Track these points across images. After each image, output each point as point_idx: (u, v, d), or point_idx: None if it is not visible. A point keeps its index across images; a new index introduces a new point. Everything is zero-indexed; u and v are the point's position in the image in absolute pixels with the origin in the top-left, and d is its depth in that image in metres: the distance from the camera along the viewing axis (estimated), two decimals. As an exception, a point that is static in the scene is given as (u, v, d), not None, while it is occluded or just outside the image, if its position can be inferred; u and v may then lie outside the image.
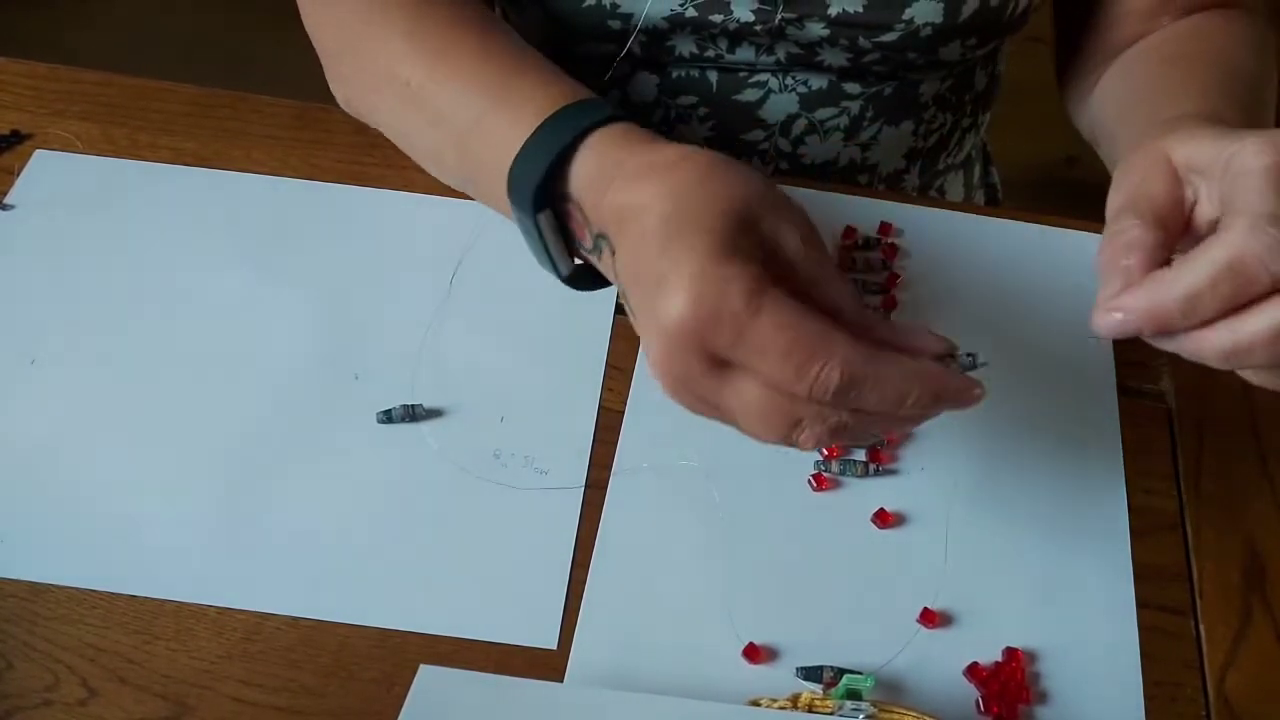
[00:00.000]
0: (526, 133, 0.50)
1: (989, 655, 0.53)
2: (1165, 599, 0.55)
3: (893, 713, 0.49)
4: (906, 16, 0.68)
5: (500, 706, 0.48)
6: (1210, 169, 0.41)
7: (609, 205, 0.46)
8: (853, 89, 0.74)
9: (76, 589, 0.53)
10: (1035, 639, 0.53)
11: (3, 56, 0.71)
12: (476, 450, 0.58)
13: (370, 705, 0.50)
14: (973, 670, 0.52)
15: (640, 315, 0.44)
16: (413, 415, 0.58)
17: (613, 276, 0.47)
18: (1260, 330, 0.38)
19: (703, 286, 0.40)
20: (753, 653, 0.52)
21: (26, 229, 0.64)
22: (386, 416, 0.58)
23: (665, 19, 0.69)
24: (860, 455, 0.58)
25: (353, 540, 0.55)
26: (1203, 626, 0.54)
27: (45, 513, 0.55)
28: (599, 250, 0.48)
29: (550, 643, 0.52)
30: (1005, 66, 0.86)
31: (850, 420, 0.42)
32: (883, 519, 0.56)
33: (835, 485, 0.58)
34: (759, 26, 0.69)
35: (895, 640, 0.53)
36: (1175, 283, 0.39)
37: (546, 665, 0.52)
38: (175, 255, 0.64)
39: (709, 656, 0.52)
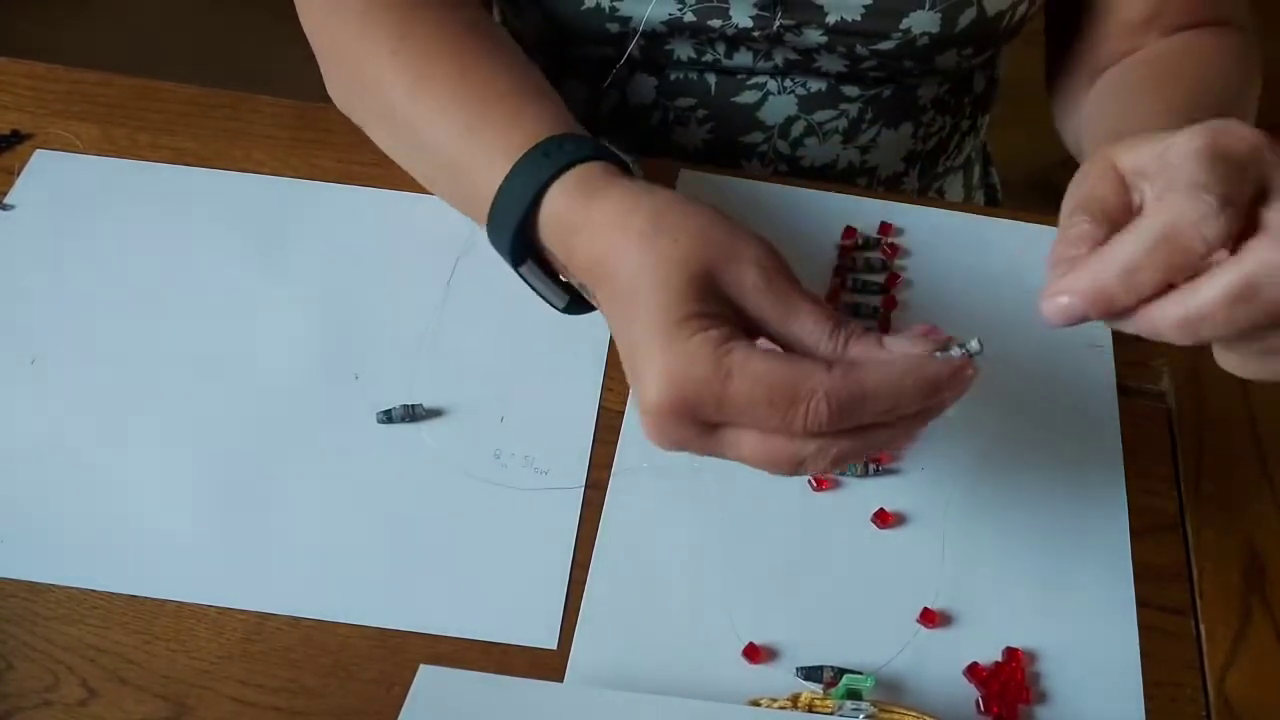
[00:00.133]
0: (498, 180, 0.51)
1: (989, 655, 0.53)
2: (1165, 599, 0.55)
3: (893, 713, 0.49)
4: (904, 26, 0.68)
5: (500, 706, 0.48)
6: (1151, 169, 0.41)
7: (579, 261, 0.48)
8: (851, 92, 0.75)
9: (76, 589, 0.53)
10: (1035, 639, 0.53)
11: (3, 56, 0.71)
12: (476, 450, 0.58)
13: (370, 705, 0.50)
14: (973, 670, 0.52)
15: (627, 371, 0.45)
16: (413, 415, 0.58)
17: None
18: (1212, 298, 0.38)
19: (671, 368, 0.41)
20: (753, 653, 0.52)
21: (26, 229, 0.64)
22: (386, 416, 0.58)
23: (664, 23, 0.69)
24: (860, 455, 0.58)
25: (353, 540, 0.55)
26: (1203, 626, 0.54)
27: (45, 513, 0.55)
28: (587, 291, 0.49)
29: (550, 643, 0.52)
30: (1004, 69, 0.86)
31: (854, 442, 0.43)
32: (883, 519, 0.56)
33: (835, 485, 0.58)
34: (757, 32, 0.69)
35: (895, 640, 0.53)
36: (1113, 258, 0.39)
37: (546, 665, 0.52)
38: (175, 255, 0.64)
39: (709, 656, 0.52)
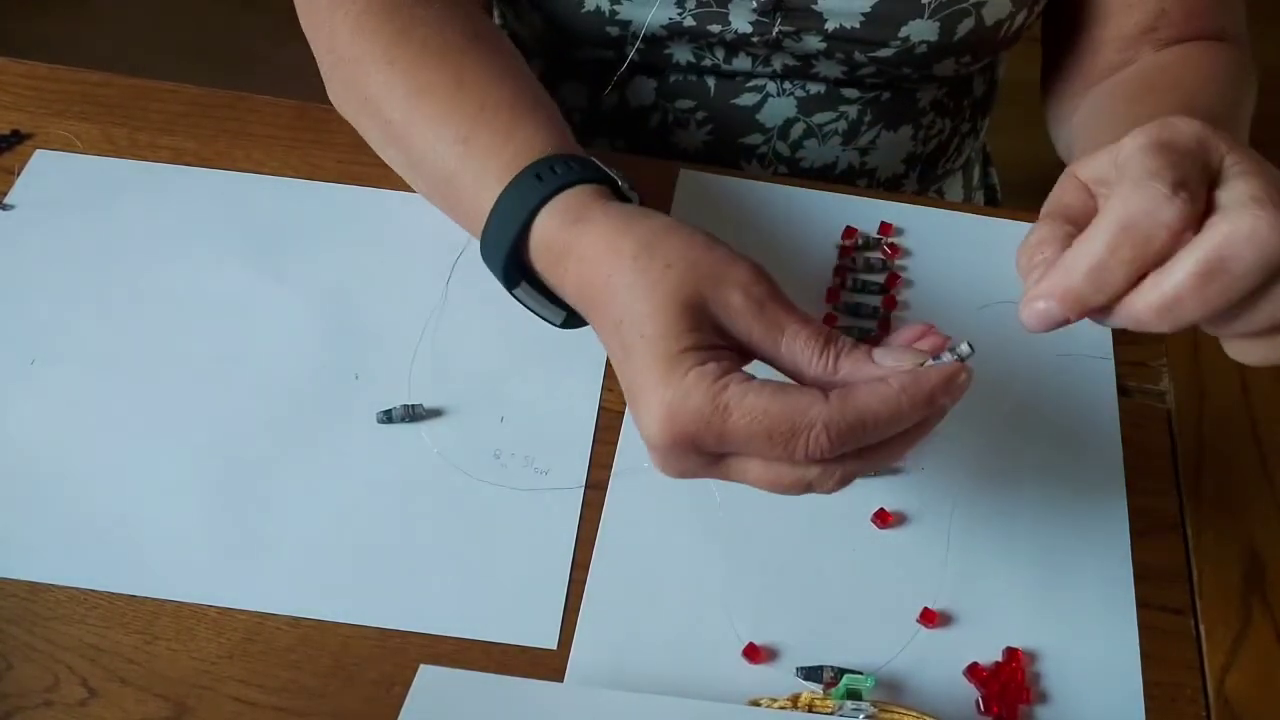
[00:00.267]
0: (490, 200, 0.51)
1: (989, 655, 0.53)
2: (1165, 599, 0.55)
3: (893, 713, 0.49)
4: (902, 34, 0.68)
5: (500, 706, 0.48)
6: (1108, 174, 0.42)
7: (571, 286, 0.49)
8: (851, 94, 0.75)
9: (76, 589, 0.53)
10: (1035, 639, 0.53)
11: (3, 56, 0.71)
12: (477, 450, 0.58)
13: (370, 705, 0.50)
14: (973, 670, 0.52)
15: (627, 401, 0.45)
16: (413, 415, 0.58)
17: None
18: (1182, 279, 0.38)
19: (670, 405, 0.42)
20: (753, 653, 0.52)
21: (26, 229, 0.64)
22: (386, 416, 0.58)
23: (664, 27, 0.69)
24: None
25: (353, 540, 0.55)
26: (1203, 627, 0.55)
27: (45, 513, 0.55)
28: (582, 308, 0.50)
29: (550, 643, 0.52)
30: (1004, 71, 0.86)
31: (858, 462, 0.43)
32: (883, 519, 0.56)
33: (835, 485, 0.58)
34: (756, 38, 0.69)
35: (895, 640, 0.53)
36: (1078, 260, 0.40)
37: (546, 665, 0.52)
38: (175, 255, 0.64)
39: (709, 656, 0.52)
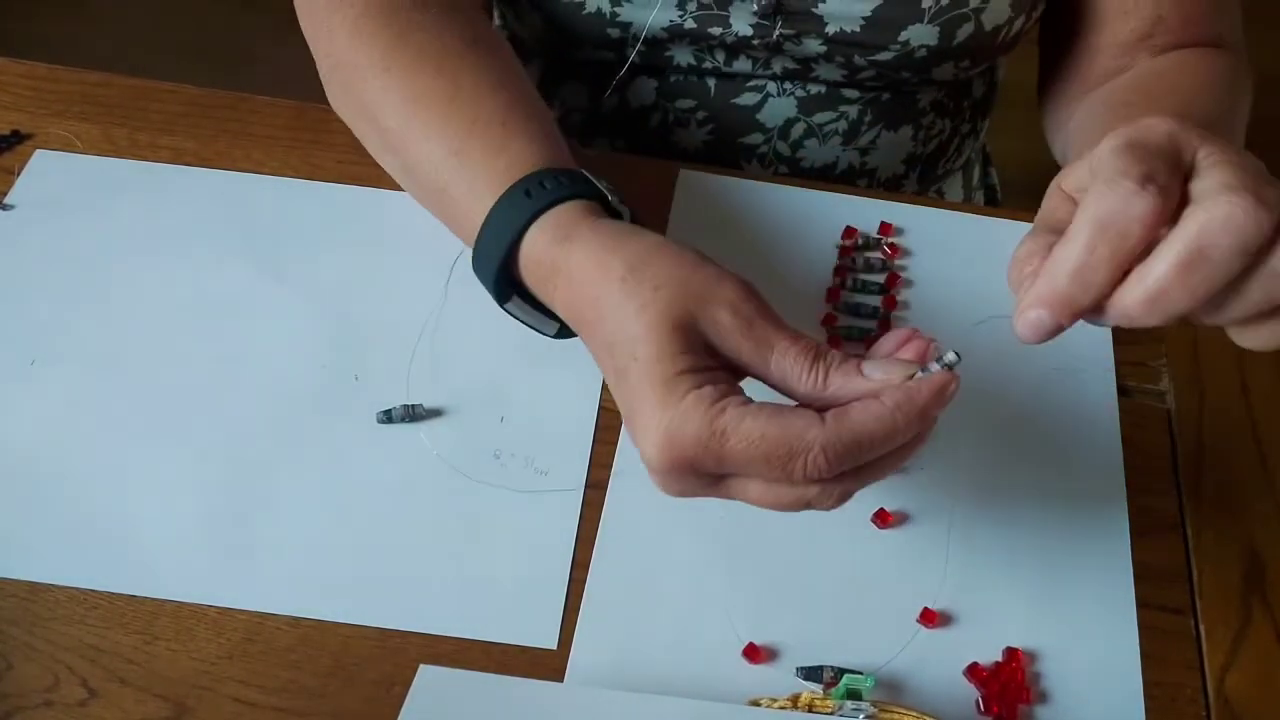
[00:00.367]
0: (481, 213, 0.52)
1: (989, 655, 0.53)
2: (1165, 599, 0.55)
3: (893, 713, 0.49)
4: (902, 38, 0.68)
5: (500, 706, 0.48)
6: (1086, 181, 0.42)
7: (560, 304, 0.49)
8: (851, 94, 0.75)
9: (76, 589, 0.53)
10: (1035, 639, 0.53)
11: (3, 56, 0.71)
12: (476, 450, 0.58)
13: (370, 705, 0.50)
14: (973, 670, 0.52)
15: (625, 423, 0.46)
16: (413, 415, 0.58)
17: None
18: (1164, 271, 0.39)
19: (668, 431, 0.42)
20: (753, 653, 0.52)
21: (26, 229, 0.64)
22: (386, 417, 0.58)
23: (664, 29, 0.69)
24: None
25: (353, 540, 0.55)
26: (1203, 626, 0.55)
27: (45, 513, 0.55)
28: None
29: (550, 643, 0.52)
30: (1004, 73, 0.86)
31: (857, 479, 0.44)
32: (883, 519, 0.56)
33: (835, 485, 0.58)
34: (757, 41, 0.69)
35: (895, 640, 0.53)
36: (1060, 264, 0.40)
37: (546, 665, 0.52)
38: (175, 255, 0.64)
39: (709, 656, 0.52)
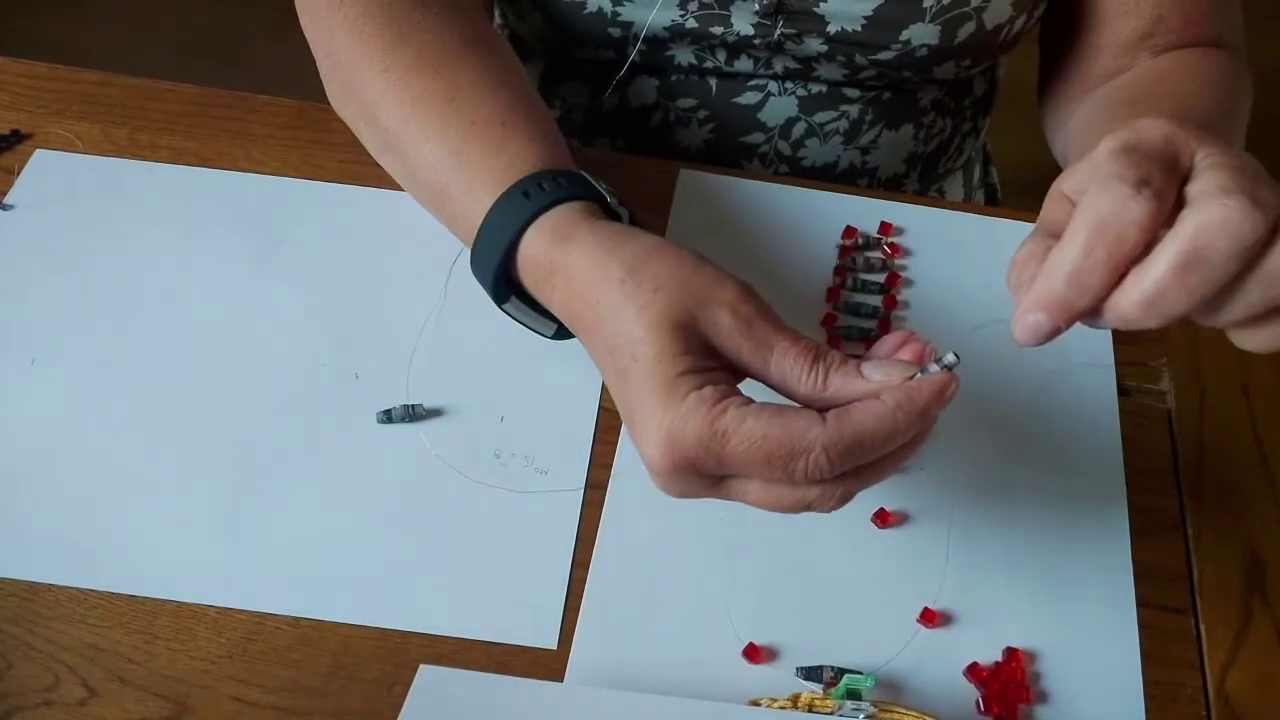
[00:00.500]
0: (480, 214, 0.52)
1: (989, 655, 0.53)
2: (1165, 599, 0.55)
3: (893, 713, 0.49)
4: (903, 38, 0.68)
5: (500, 706, 0.48)
6: (1085, 183, 0.42)
7: (559, 305, 0.49)
8: (852, 94, 0.75)
9: (76, 589, 0.53)
10: (1035, 639, 0.53)
11: (3, 56, 0.71)
12: (476, 450, 0.58)
13: (370, 705, 0.50)
14: (973, 670, 0.52)
15: (625, 424, 0.45)
16: (413, 415, 0.58)
17: None
18: (1161, 272, 0.39)
19: (670, 431, 0.42)
20: (753, 653, 0.52)
21: (26, 229, 0.64)
22: (386, 416, 0.58)
23: (665, 29, 0.69)
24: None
25: (353, 540, 0.55)
26: (1203, 626, 0.54)
27: (45, 513, 0.55)
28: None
29: (550, 643, 0.52)
30: (1005, 72, 0.86)
31: (857, 480, 0.44)
32: (883, 519, 0.56)
33: (835, 485, 0.57)
34: (758, 40, 0.69)
35: (895, 640, 0.53)
36: (1057, 267, 0.40)
37: (546, 665, 0.52)
38: (175, 255, 0.64)
39: (709, 656, 0.52)
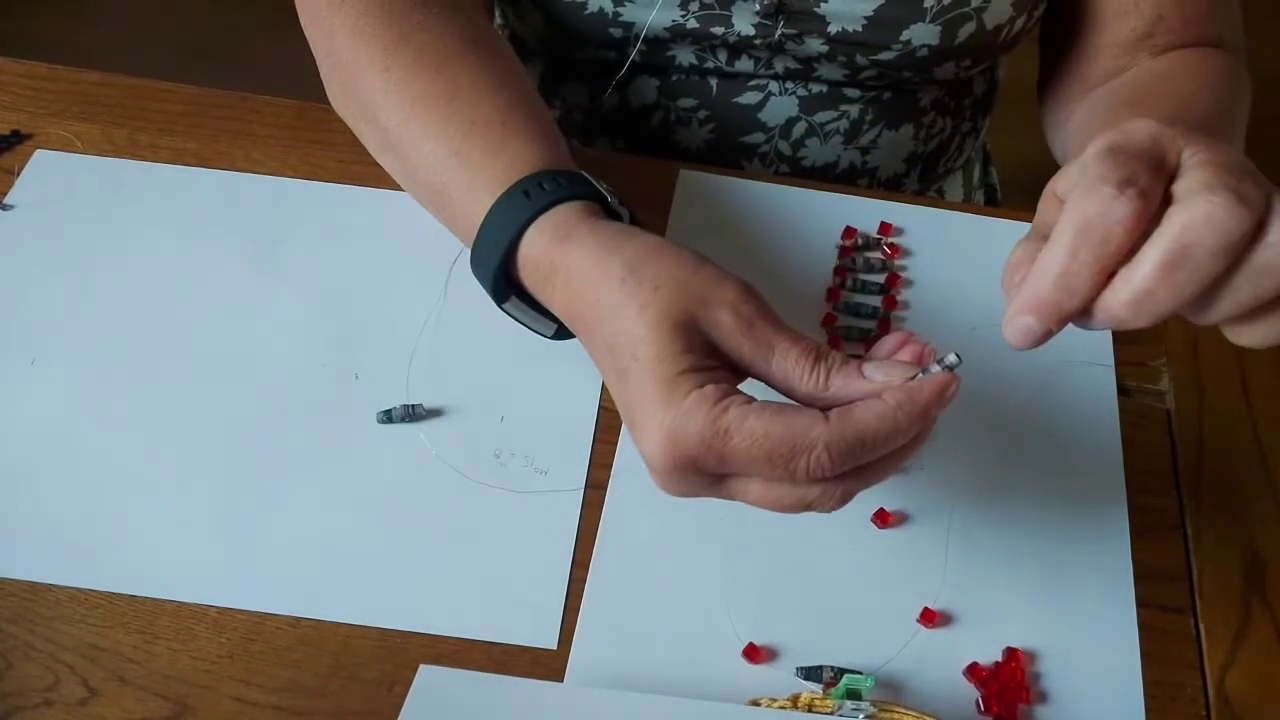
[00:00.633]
0: (480, 214, 0.52)
1: (989, 655, 0.53)
2: (1165, 599, 0.55)
3: (893, 713, 0.49)
4: (904, 38, 0.68)
5: (500, 706, 0.48)
6: (1074, 184, 0.42)
7: (559, 305, 0.49)
8: (852, 94, 0.75)
9: (76, 589, 0.53)
10: (1035, 639, 0.53)
11: (3, 56, 0.71)
12: (476, 450, 0.58)
13: (370, 705, 0.50)
14: (973, 670, 0.52)
15: (625, 423, 0.45)
16: (413, 415, 0.58)
17: None
18: (1148, 271, 0.39)
19: (671, 429, 0.42)
20: (753, 653, 0.52)
21: (26, 229, 0.64)
22: (386, 416, 0.58)
23: (666, 29, 0.69)
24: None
25: (353, 540, 0.55)
26: (1203, 626, 0.55)
27: (45, 513, 0.55)
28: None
29: (550, 643, 0.52)
30: (1005, 72, 0.86)
31: (857, 480, 0.44)
32: (883, 519, 0.56)
33: (835, 485, 0.57)
34: (759, 40, 0.69)
35: (895, 640, 0.53)
36: (1045, 269, 0.40)
37: (546, 665, 0.52)
38: (175, 255, 0.64)
39: (709, 656, 0.52)
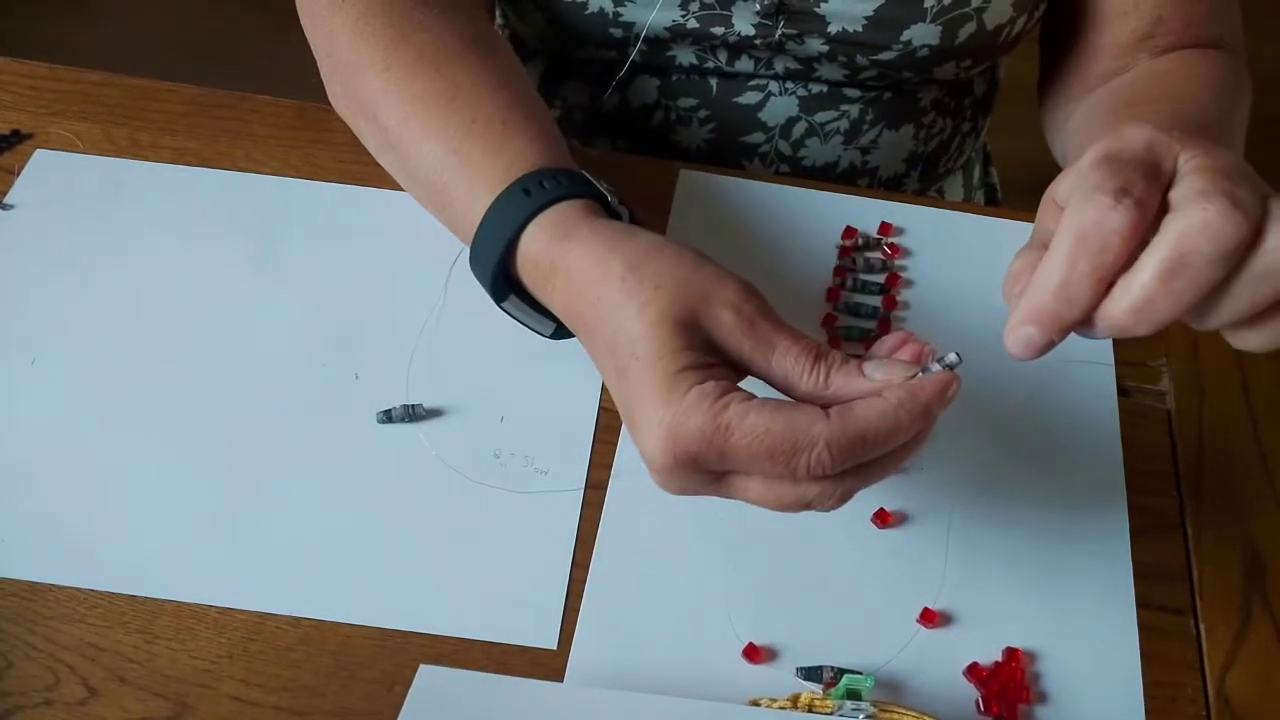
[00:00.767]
0: (479, 212, 0.52)
1: (989, 655, 0.53)
2: (1165, 599, 0.55)
3: (893, 713, 0.49)
4: (904, 38, 0.68)
5: (500, 706, 0.48)
6: (1071, 191, 0.42)
7: (558, 304, 0.49)
8: (852, 94, 0.75)
9: (76, 589, 0.53)
10: (1035, 639, 0.53)
11: (3, 56, 0.71)
12: (476, 450, 0.58)
13: (370, 705, 0.50)
14: (973, 670, 0.52)
15: (625, 421, 0.45)
16: (413, 415, 0.58)
17: None
18: (1147, 280, 0.39)
19: (672, 426, 0.42)
20: (753, 653, 0.52)
21: (26, 229, 0.64)
22: (386, 416, 0.58)
23: (666, 29, 0.69)
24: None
25: (353, 540, 0.55)
26: (1203, 626, 0.55)
27: (45, 513, 0.55)
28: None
29: (550, 643, 0.52)
30: (1005, 72, 0.86)
31: (857, 478, 0.44)
32: (883, 519, 0.56)
33: (835, 485, 0.57)
34: (759, 40, 0.69)
35: (895, 640, 0.53)
36: (1044, 279, 0.40)
37: (546, 665, 0.52)
38: (175, 255, 0.64)
39: (709, 656, 0.52)
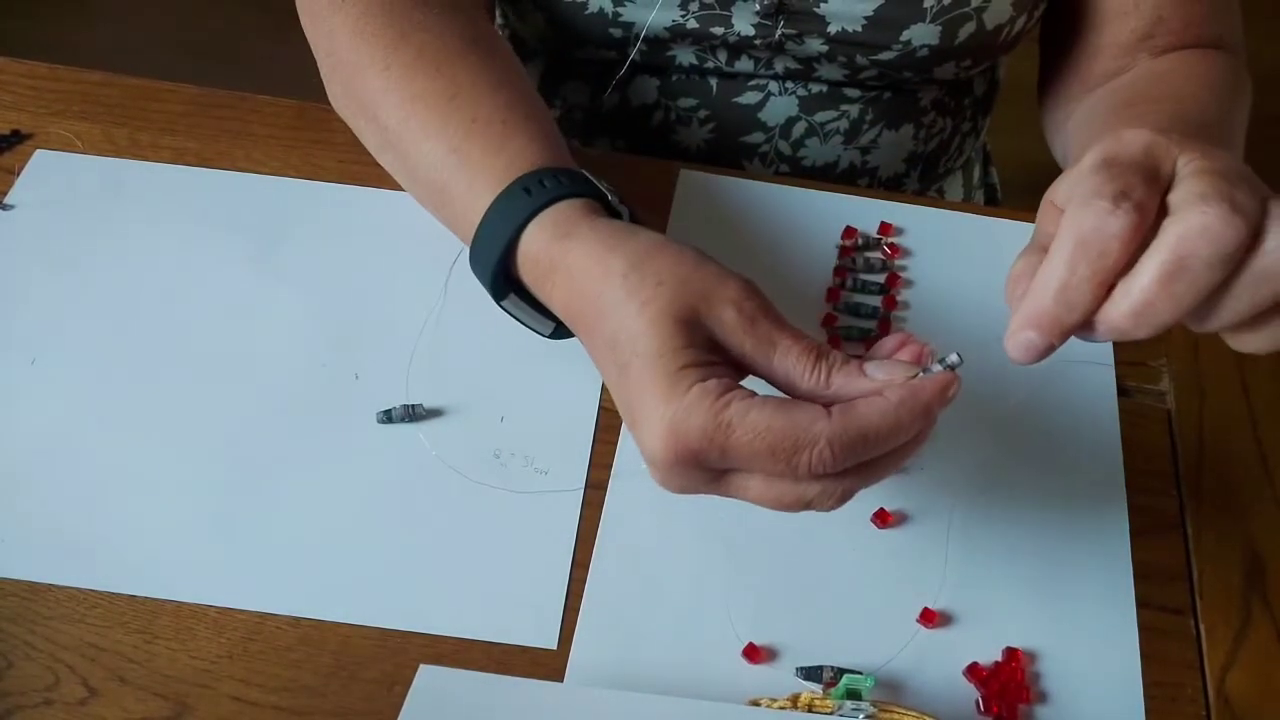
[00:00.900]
0: (479, 211, 0.52)
1: (989, 655, 0.53)
2: (1165, 599, 0.55)
3: (893, 713, 0.49)
4: (904, 38, 0.68)
5: (500, 706, 0.48)
6: (1070, 194, 0.42)
7: (558, 302, 0.49)
8: (852, 94, 0.75)
9: (76, 589, 0.53)
10: (1035, 639, 0.53)
11: (3, 56, 0.71)
12: (476, 450, 0.58)
13: (370, 705, 0.50)
14: (973, 670, 0.52)
15: (625, 420, 0.45)
16: (413, 415, 0.58)
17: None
18: (1147, 283, 0.39)
19: (673, 423, 0.42)
20: (753, 653, 0.52)
21: (26, 229, 0.64)
22: (386, 416, 0.58)
23: (666, 29, 0.69)
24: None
25: (353, 540, 0.55)
26: (1203, 626, 0.55)
27: (45, 513, 0.55)
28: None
29: (550, 643, 0.52)
30: (1005, 72, 0.86)
31: (858, 478, 0.44)
32: (882, 519, 0.56)
33: (835, 485, 0.57)
34: (759, 40, 0.69)
35: (895, 640, 0.53)
36: (1044, 284, 0.40)
37: (546, 665, 0.52)
38: (175, 255, 0.64)
39: (709, 656, 0.52)
